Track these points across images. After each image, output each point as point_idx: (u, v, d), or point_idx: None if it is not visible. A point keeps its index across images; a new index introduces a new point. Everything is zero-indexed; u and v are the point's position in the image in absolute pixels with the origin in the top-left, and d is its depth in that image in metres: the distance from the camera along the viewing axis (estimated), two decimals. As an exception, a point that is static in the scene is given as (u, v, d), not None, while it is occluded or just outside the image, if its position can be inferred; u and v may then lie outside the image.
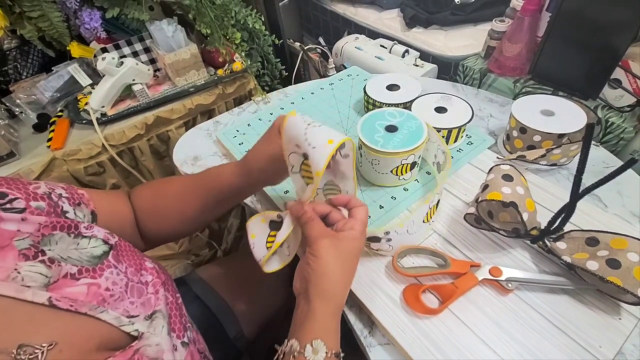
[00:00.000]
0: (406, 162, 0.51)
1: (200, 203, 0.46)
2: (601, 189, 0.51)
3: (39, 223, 0.30)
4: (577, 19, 0.65)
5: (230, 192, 0.45)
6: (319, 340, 0.32)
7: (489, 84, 0.82)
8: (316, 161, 0.34)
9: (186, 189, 0.47)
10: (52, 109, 0.90)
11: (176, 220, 0.48)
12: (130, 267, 0.36)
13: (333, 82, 0.83)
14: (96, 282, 0.31)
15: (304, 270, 0.35)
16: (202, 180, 0.47)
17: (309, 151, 0.35)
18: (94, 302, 0.30)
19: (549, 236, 0.43)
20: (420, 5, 1.19)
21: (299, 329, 0.34)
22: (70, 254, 0.31)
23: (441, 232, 0.50)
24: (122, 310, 0.32)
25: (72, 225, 0.33)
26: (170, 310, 0.38)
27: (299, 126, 0.36)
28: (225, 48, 0.89)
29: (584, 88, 0.70)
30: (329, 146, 0.34)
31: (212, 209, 0.47)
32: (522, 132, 0.55)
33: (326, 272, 0.34)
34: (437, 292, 0.43)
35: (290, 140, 0.37)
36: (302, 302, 0.35)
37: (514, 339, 0.39)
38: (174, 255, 1.15)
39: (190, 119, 0.94)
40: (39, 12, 0.75)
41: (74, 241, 0.32)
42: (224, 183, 0.45)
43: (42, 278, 0.28)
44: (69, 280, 0.29)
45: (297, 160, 0.37)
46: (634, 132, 0.64)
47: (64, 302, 0.28)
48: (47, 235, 0.30)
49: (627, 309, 0.40)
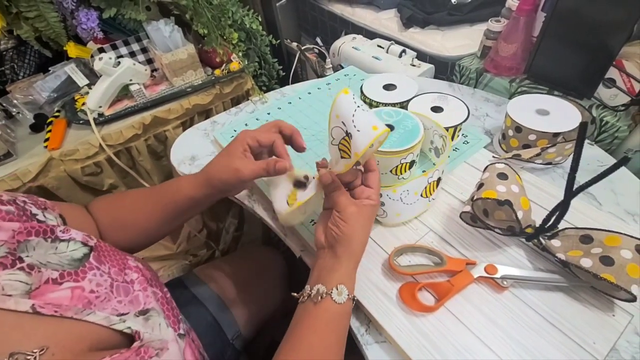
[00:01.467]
0: (405, 162, 0.51)
1: (156, 215, 0.47)
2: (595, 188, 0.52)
3: (13, 230, 0.30)
4: (572, 19, 0.65)
5: (188, 204, 0.46)
6: (342, 285, 0.38)
7: (485, 84, 0.83)
8: (359, 143, 0.37)
9: (141, 201, 0.48)
10: (49, 109, 0.89)
11: (135, 233, 0.48)
12: (114, 267, 0.36)
13: (330, 82, 0.84)
14: (80, 285, 0.31)
15: (332, 230, 0.40)
16: (158, 193, 0.48)
17: (353, 132, 0.37)
18: (80, 306, 0.30)
19: (544, 234, 0.43)
20: (417, 5, 1.20)
21: (325, 277, 0.39)
22: (50, 258, 0.31)
23: (437, 231, 0.50)
24: (111, 309, 0.32)
25: (48, 229, 0.33)
26: (162, 305, 0.39)
27: (350, 106, 0.38)
28: (223, 48, 0.90)
29: (579, 87, 0.70)
30: (373, 132, 0.37)
31: (169, 221, 0.48)
32: (518, 131, 0.56)
33: (353, 235, 0.39)
34: (433, 290, 0.43)
35: (337, 115, 0.39)
36: (327, 255, 0.41)
37: (509, 335, 0.39)
38: (172, 256, 1.15)
39: (188, 119, 0.94)
40: (36, 13, 0.75)
41: (51, 245, 0.32)
42: (182, 195, 0.46)
43: (22, 285, 0.28)
44: (51, 286, 0.29)
45: (339, 134, 0.39)
46: (628, 131, 0.65)
47: (48, 308, 0.28)
48: (23, 241, 0.30)
49: (621, 305, 0.40)
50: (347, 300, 0.38)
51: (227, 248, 1.13)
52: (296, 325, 0.38)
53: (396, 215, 0.50)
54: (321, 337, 0.37)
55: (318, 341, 0.36)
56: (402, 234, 0.50)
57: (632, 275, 0.36)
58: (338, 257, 0.39)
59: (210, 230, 1.12)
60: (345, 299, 0.38)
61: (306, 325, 0.38)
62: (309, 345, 0.36)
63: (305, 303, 0.39)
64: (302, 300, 0.39)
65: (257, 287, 0.69)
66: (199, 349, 0.45)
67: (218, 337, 0.59)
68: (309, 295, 0.38)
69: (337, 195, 0.41)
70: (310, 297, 0.38)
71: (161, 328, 0.35)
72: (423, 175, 0.47)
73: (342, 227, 0.39)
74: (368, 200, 0.41)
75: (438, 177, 0.50)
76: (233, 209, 1.08)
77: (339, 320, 0.38)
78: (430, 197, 0.51)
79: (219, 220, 1.11)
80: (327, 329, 0.37)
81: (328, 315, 0.37)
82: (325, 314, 0.37)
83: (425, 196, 0.49)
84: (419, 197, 0.49)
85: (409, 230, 0.51)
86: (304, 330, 0.37)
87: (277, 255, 0.77)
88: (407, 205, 0.49)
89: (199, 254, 1.17)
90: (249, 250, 0.84)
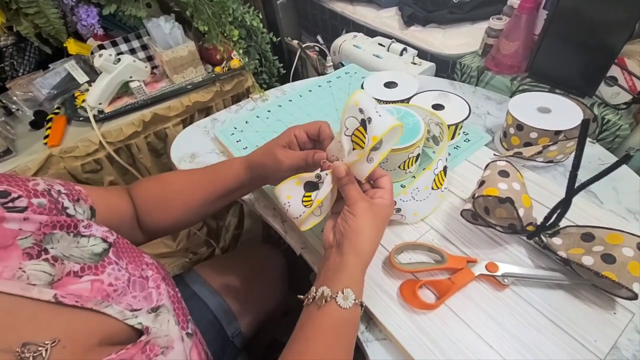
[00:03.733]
0: (412, 155, 0.53)
1: (206, 195, 0.49)
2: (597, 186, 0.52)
3: (40, 222, 0.30)
4: (574, 17, 0.65)
5: (235, 185, 0.48)
6: (349, 289, 0.36)
7: (487, 82, 0.82)
8: (379, 126, 0.37)
9: (194, 181, 0.50)
10: (49, 106, 0.89)
11: (182, 211, 0.49)
12: (131, 263, 0.37)
13: (331, 80, 0.83)
14: (99, 278, 0.32)
15: (340, 226, 0.39)
16: (210, 173, 0.50)
17: (374, 117, 0.37)
18: (99, 297, 0.30)
19: (545, 232, 0.43)
20: (419, 3, 1.19)
21: (331, 278, 0.37)
22: (72, 252, 0.32)
23: (438, 229, 0.50)
24: (125, 304, 0.33)
25: (72, 224, 0.33)
26: (173, 304, 0.39)
27: (371, 100, 0.39)
28: (223, 45, 0.89)
29: (581, 86, 0.70)
30: (393, 120, 0.37)
31: (216, 201, 0.50)
32: (519, 129, 0.55)
33: (362, 231, 0.38)
34: (434, 288, 0.43)
35: (356, 103, 0.39)
36: (333, 255, 0.39)
37: (510, 333, 0.39)
38: (172, 253, 1.15)
39: (188, 117, 0.94)
40: (36, 9, 0.75)
41: (74, 240, 0.33)
42: (232, 174, 0.48)
43: (46, 276, 0.28)
44: (72, 278, 0.30)
45: (353, 124, 0.39)
46: (629, 129, 0.65)
47: (70, 298, 0.28)
48: (48, 234, 0.30)
49: (622, 303, 0.40)
50: (353, 305, 0.36)
51: (227, 246, 1.12)
52: (300, 330, 0.37)
53: (414, 215, 0.50)
54: (325, 344, 0.35)
55: (321, 349, 0.35)
56: (403, 232, 0.50)
57: (634, 273, 0.36)
58: (344, 255, 0.38)
59: (210, 228, 1.12)
60: (351, 304, 0.35)
61: (310, 330, 0.36)
62: (313, 352, 0.34)
63: (309, 307, 0.37)
64: (307, 303, 0.37)
65: (257, 285, 0.69)
66: (204, 350, 0.44)
67: (218, 335, 0.59)
68: (314, 297, 0.37)
69: (349, 189, 0.40)
70: (315, 300, 0.36)
71: (169, 324, 0.36)
72: (428, 169, 0.47)
73: (350, 220, 0.38)
74: (381, 199, 0.40)
75: (444, 166, 0.50)
76: (233, 207, 1.08)
77: (343, 326, 0.36)
78: (442, 187, 0.51)
79: (219, 218, 1.10)
80: (331, 335, 0.35)
81: (332, 322, 0.35)
82: (329, 319, 0.35)
83: (437, 187, 0.50)
84: (430, 190, 0.49)
85: (409, 228, 0.50)
86: (308, 335, 0.36)
87: (277, 253, 0.77)
88: (422, 202, 0.49)
89: (199, 252, 1.17)
90: (249, 248, 0.84)
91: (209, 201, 0.49)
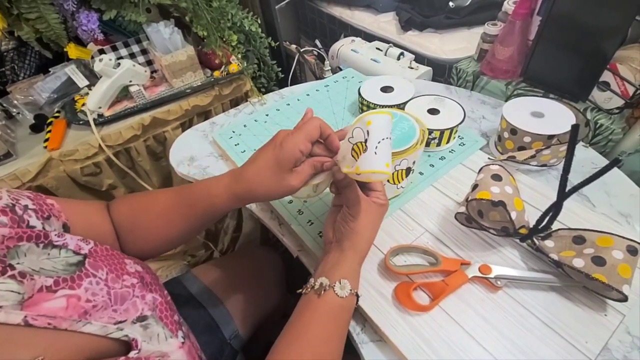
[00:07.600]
0: (400, 168, 0.50)
1: (186, 223, 0.45)
2: (589, 189, 0.53)
3: (2, 235, 0.28)
4: (567, 23, 0.66)
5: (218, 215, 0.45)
6: (345, 280, 0.39)
7: (482, 87, 0.83)
8: (367, 163, 0.37)
9: (171, 208, 0.45)
10: (49, 110, 0.90)
11: (160, 240, 0.46)
12: (111, 272, 0.34)
13: (328, 84, 0.84)
14: (75, 293, 0.29)
15: (340, 226, 0.42)
16: (188, 205, 0.44)
17: (370, 150, 0.37)
18: (75, 316, 0.28)
19: (537, 235, 0.44)
20: (416, 8, 1.21)
21: (330, 270, 0.40)
22: (43, 264, 0.29)
23: (432, 231, 0.51)
24: (107, 318, 0.30)
25: (41, 234, 0.31)
26: (161, 312, 0.37)
27: (384, 130, 0.38)
28: (222, 50, 0.90)
29: (574, 90, 0.71)
30: (384, 167, 0.37)
31: (194, 230, 0.46)
32: (513, 133, 0.56)
33: (361, 231, 0.41)
34: (428, 290, 0.44)
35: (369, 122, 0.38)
36: (333, 250, 0.42)
37: (502, 334, 0.39)
38: (171, 256, 1.15)
39: (187, 120, 0.95)
40: (37, 14, 0.76)
41: (43, 252, 0.30)
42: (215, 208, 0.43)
43: (14, 295, 0.26)
44: (45, 294, 0.27)
45: (359, 136, 0.39)
46: (622, 134, 0.65)
47: (41, 320, 0.26)
48: (13, 247, 0.28)
49: (613, 305, 0.41)
50: (349, 295, 0.38)
51: (225, 248, 1.13)
52: (298, 315, 0.39)
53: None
54: (322, 328, 0.37)
55: (319, 332, 0.37)
56: (397, 234, 0.51)
57: (624, 275, 0.37)
58: (344, 251, 0.41)
59: (208, 231, 1.12)
60: (348, 294, 0.38)
61: (308, 315, 0.38)
62: (310, 335, 0.37)
63: (308, 295, 0.39)
64: (306, 292, 0.40)
65: (255, 287, 0.69)
66: (197, 351, 0.44)
67: (216, 337, 0.59)
68: (312, 287, 0.39)
69: (349, 191, 0.41)
70: (314, 289, 0.39)
71: (159, 339, 0.34)
72: None
73: (351, 222, 0.41)
74: (377, 200, 0.43)
75: (407, 167, 0.50)
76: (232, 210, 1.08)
77: (340, 313, 0.39)
78: (399, 185, 0.53)
79: (218, 221, 1.11)
80: (328, 320, 0.38)
81: (329, 308, 0.38)
82: (326, 305, 0.38)
83: (393, 182, 0.51)
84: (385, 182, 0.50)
85: (404, 231, 0.51)
86: (306, 320, 0.38)
87: (275, 256, 0.77)
88: None
89: (198, 254, 1.17)
90: (247, 251, 0.84)
91: (188, 231, 0.46)
